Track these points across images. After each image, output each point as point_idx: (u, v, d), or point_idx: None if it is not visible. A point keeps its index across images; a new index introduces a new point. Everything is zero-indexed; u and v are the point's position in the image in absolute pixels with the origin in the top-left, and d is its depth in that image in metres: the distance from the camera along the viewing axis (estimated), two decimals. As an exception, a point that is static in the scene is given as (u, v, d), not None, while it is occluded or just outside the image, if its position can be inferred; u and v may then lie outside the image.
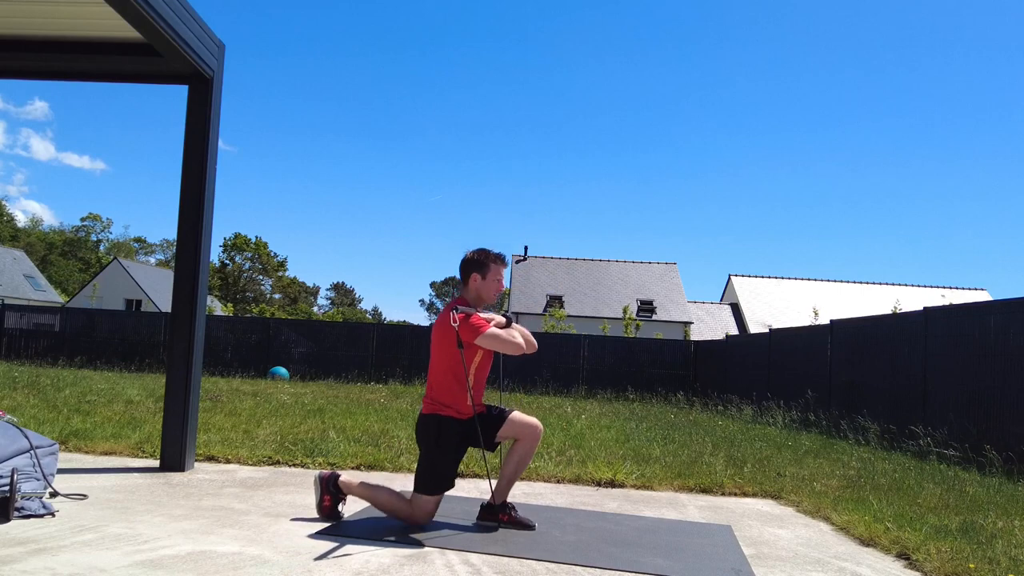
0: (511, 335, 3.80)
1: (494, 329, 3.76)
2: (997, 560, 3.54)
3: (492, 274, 3.91)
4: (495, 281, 3.93)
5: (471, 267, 3.92)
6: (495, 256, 3.94)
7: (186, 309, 5.25)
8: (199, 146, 5.28)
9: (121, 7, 4.25)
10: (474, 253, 3.94)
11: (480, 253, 3.93)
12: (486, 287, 3.91)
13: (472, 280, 3.92)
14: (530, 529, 3.84)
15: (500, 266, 3.95)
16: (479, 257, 3.92)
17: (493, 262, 3.92)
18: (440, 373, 3.81)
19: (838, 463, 6.96)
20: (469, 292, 3.94)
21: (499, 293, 4.00)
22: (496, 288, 3.94)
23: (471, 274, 3.92)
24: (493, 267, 3.92)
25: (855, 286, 41.07)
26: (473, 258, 3.93)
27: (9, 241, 60.35)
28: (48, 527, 3.40)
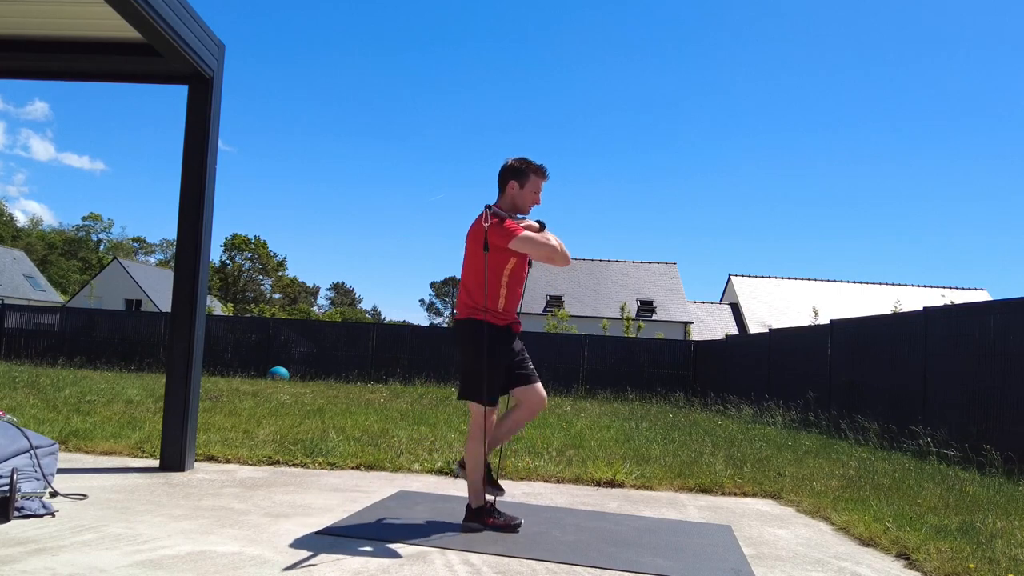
0: (546, 238, 3.75)
1: (528, 232, 3.72)
2: (997, 560, 3.54)
3: (530, 184, 3.82)
4: (532, 192, 3.83)
5: (509, 174, 3.82)
6: (536, 167, 3.84)
7: (186, 309, 5.25)
8: (199, 146, 5.28)
9: (121, 7, 4.25)
10: (515, 160, 3.84)
11: (521, 161, 3.83)
12: (522, 196, 3.82)
13: (509, 187, 3.82)
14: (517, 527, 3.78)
15: (540, 178, 3.84)
16: (519, 165, 3.82)
17: (533, 172, 3.82)
18: (474, 278, 3.75)
19: (838, 463, 6.96)
20: (504, 200, 3.85)
21: (535, 205, 3.90)
22: (533, 200, 3.86)
23: (509, 181, 3.82)
24: (533, 177, 3.82)
25: (855, 286, 41.06)
26: (513, 165, 3.83)
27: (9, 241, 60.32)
28: (48, 527, 3.40)
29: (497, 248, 3.68)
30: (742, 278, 42.16)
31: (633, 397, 16.88)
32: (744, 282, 41.73)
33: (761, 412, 12.42)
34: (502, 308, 3.78)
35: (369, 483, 4.97)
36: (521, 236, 3.68)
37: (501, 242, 3.67)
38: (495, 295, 3.75)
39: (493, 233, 3.67)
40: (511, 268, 3.77)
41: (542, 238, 3.74)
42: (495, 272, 3.72)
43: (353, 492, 4.63)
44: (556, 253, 3.74)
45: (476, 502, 3.83)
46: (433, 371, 18.85)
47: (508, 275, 3.76)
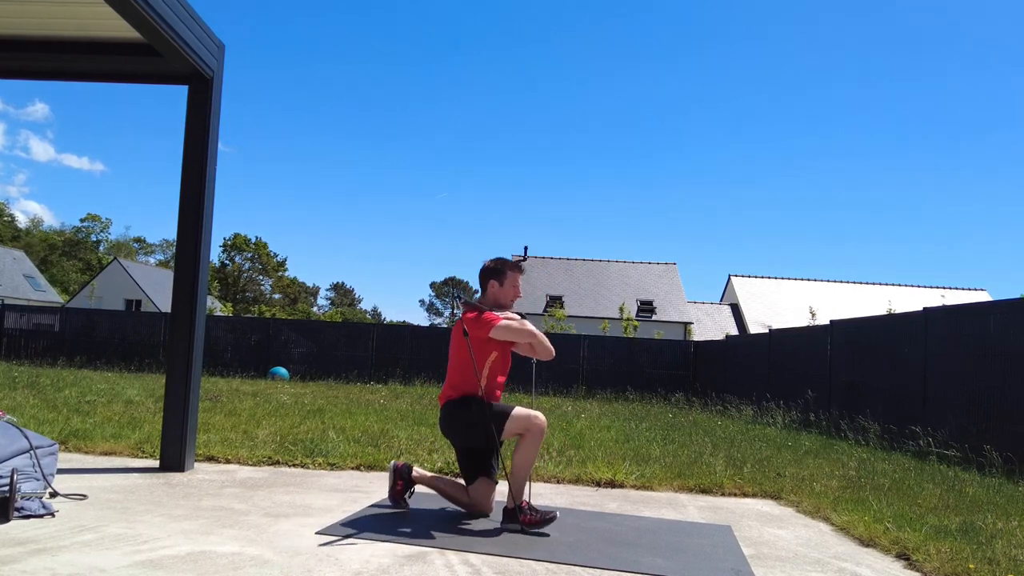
0: (523, 324, 3.97)
1: (506, 320, 3.92)
2: (997, 560, 3.54)
3: (508, 280, 4.13)
4: (512, 287, 4.14)
5: (489, 275, 4.14)
6: (512, 264, 4.17)
7: (186, 309, 5.25)
8: (199, 146, 5.28)
9: (121, 7, 4.25)
10: (492, 262, 4.18)
11: (497, 261, 4.17)
12: (503, 293, 4.12)
13: (490, 287, 4.13)
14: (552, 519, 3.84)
15: (516, 273, 4.17)
16: (496, 265, 4.16)
17: (510, 269, 4.15)
18: (458, 372, 3.98)
19: (838, 463, 6.96)
20: (488, 299, 4.14)
21: (516, 299, 4.19)
22: (513, 294, 4.15)
23: (489, 281, 4.13)
24: (510, 274, 4.14)
25: (855, 286, 41.06)
26: (491, 266, 4.16)
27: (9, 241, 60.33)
28: (48, 527, 3.40)
29: (479, 339, 3.90)
30: (742, 278, 42.16)
31: (633, 397, 16.88)
32: (744, 282, 41.73)
33: (761, 412, 12.43)
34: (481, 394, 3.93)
35: (369, 483, 4.97)
36: (499, 324, 3.92)
37: (482, 333, 3.91)
38: (475, 385, 3.92)
39: (473, 324, 3.92)
40: (493, 360, 3.98)
41: (518, 324, 3.96)
42: (479, 364, 3.93)
43: (353, 492, 4.63)
44: (535, 340, 3.96)
45: (512, 503, 3.89)
46: (433, 371, 18.84)
47: (489, 366, 3.97)
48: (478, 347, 3.91)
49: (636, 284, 39.89)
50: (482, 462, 4.04)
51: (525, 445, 3.89)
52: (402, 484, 4.24)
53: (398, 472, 4.25)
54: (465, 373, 3.94)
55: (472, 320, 3.93)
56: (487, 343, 3.92)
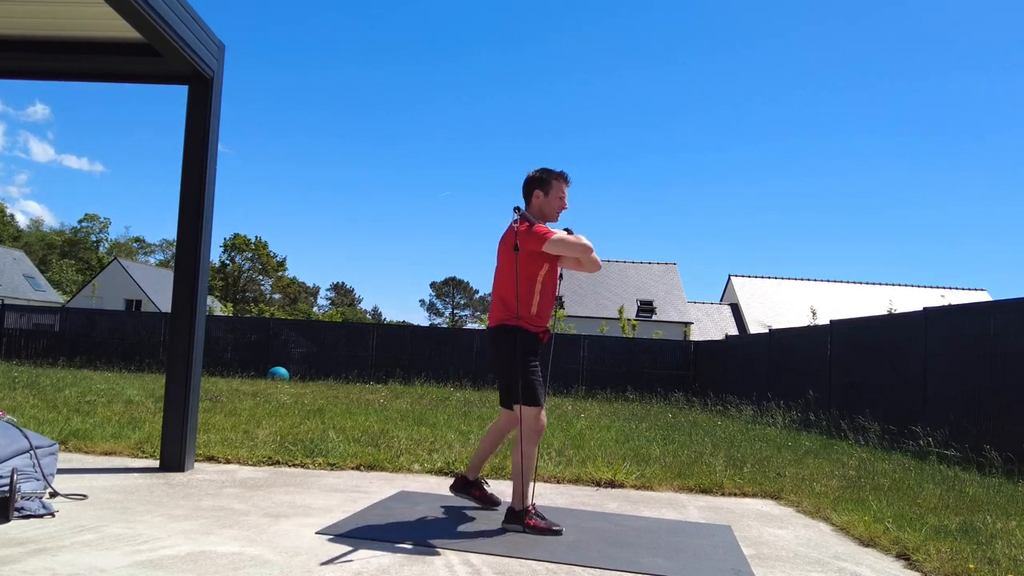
0: (579, 238, 3.82)
1: (561, 234, 3.78)
2: (997, 560, 3.54)
3: (554, 191, 3.95)
4: (557, 198, 3.96)
5: (533, 185, 3.96)
6: (557, 173, 3.97)
7: (186, 309, 5.25)
8: (199, 146, 5.28)
9: (121, 7, 4.25)
10: (536, 171, 3.99)
11: (542, 171, 3.96)
12: (548, 204, 3.95)
13: (535, 198, 3.95)
14: (558, 532, 3.76)
15: (562, 183, 3.98)
16: (541, 175, 3.95)
17: (555, 179, 3.95)
18: (506, 286, 3.82)
19: (838, 463, 6.96)
20: (532, 210, 3.96)
21: (562, 211, 4.00)
22: (559, 205, 3.97)
23: (533, 191, 3.95)
24: (555, 183, 3.95)
25: (855, 286, 41.05)
26: (536, 176, 3.96)
27: (9, 241, 60.31)
28: (48, 527, 3.40)
29: (530, 252, 3.75)
30: (742, 278, 42.15)
31: (633, 397, 16.87)
32: (744, 282, 41.72)
33: (761, 412, 12.42)
34: (535, 314, 3.83)
35: (369, 483, 4.97)
36: (554, 237, 3.76)
37: (535, 245, 3.75)
38: (529, 301, 3.81)
39: (526, 238, 3.76)
40: (544, 274, 3.84)
41: (574, 239, 3.81)
42: (529, 278, 3.80)
43: (353, 492, 4.62)
44: (587, 253, 3.81)
45: (519, 504, 3.84)
46: (433, 372, 18.85)
47: (541, 281, 3.84)
48: (529, 261, 3.76)
49: (636, 284, 39.88)
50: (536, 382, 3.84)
51: (525, 445, 3.82)
52: (477, 491, 4.19)
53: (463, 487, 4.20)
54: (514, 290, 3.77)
55: (524, 232, 3.76)
56: (539, 256, 3.77)
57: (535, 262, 3.79)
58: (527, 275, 3.79)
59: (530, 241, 3.76)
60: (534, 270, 3.80)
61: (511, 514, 3.85)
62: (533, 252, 3.76)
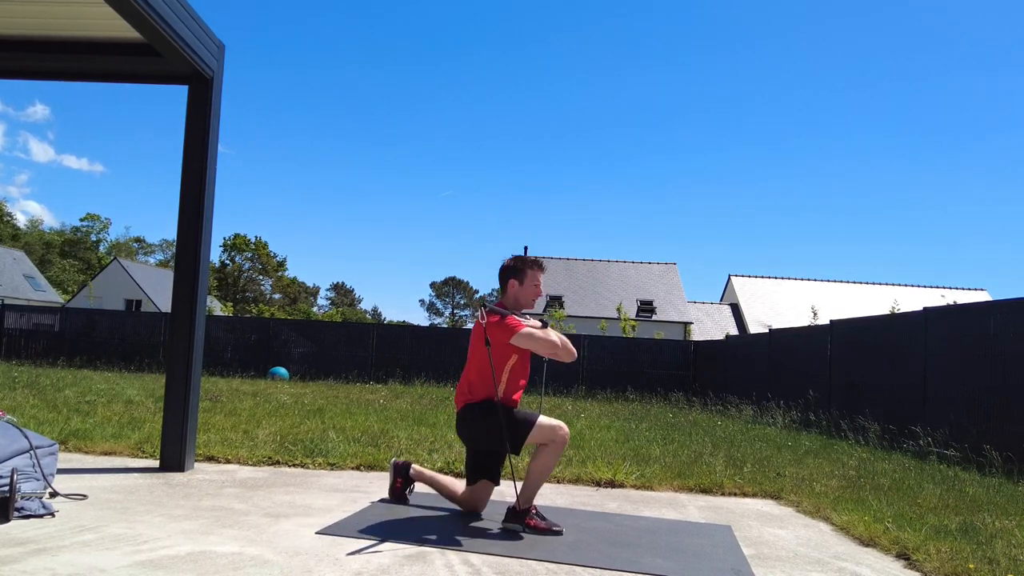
0: (546, 334, 3.89)
1: (530, 328, 3.86)
2: (997, 560, 3.54)
3: (529, 279, 4.05)
4: (532, 286, 4.06)
5: (509, 273, 4.06)
6: (532, 262, 4.09)
7: (186, 309, 5.24)
8: (199, 146, 5.28)
9: (121, 7, 4.25)
10: (511, 260, 4.10)
11: (517, 260, 4.10)
12: (524, 292, 4.05)
13: (510, 286, 4.05)
14: (558, 532, 3.79)
15: (537, 271, 4.08)
16: (516, 264, 4.08)
17: (530, 268, 4.07)
18: (476, 375, 3.93)
19: (838, 463, 6.96)
20: (508, 298, 4.07)
21: (537, 298, 4.11)
22: (534, 293, 4.07)
23: (509, 280, 4.06)
24: (530, 272, 4.05)
25: (855, 286, 41.06)
26: (510, 265, 4.09)
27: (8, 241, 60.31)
28: (48, 527, 3.40)
29: (499, 344, 3.83)
30: (742, 278, 42.15)
31: (633, 397, 16.87)
32: (744, 282, 41.72)
33: (761, 412, 12.42)
34: (499, 396, 3.89)
35: (369, 483, 4.97)
36: (522, 332, 3.84)
37: (503, 338, 3.84)
38: (491, 388, 3.89)
39: (495, 330, 3.84)
40: (513, 364, 3.92)
41: (541, 334, 3.88)
42: (498, 368, 3.87)
43: (353, 492, 4.62)
44: (559, 349, 3.90)
45: (521, 505, 3.86)
46: (433, 371, 18.84)
47: (510, 370, 3.92)
48: (499, 351, 3.84)
49: (636, 284, 39.88)
50: (491, 465, 4.05)
51: (546, 454, 3.86)
52: (401, 481, 4.29)
53: (397, 470, 4.31)
54: (484, 377, 3.87)
55: (494, 325, 3.86)
56: (507, 347, 3.86)
57: (505, 352, 3.87)
58: (497, 364, 3.86)
59: (500, 333, 3.84)
60: (503, 361, 3.88)
61: (511, 514, 3.86)
62: (503, 343, 3.84)
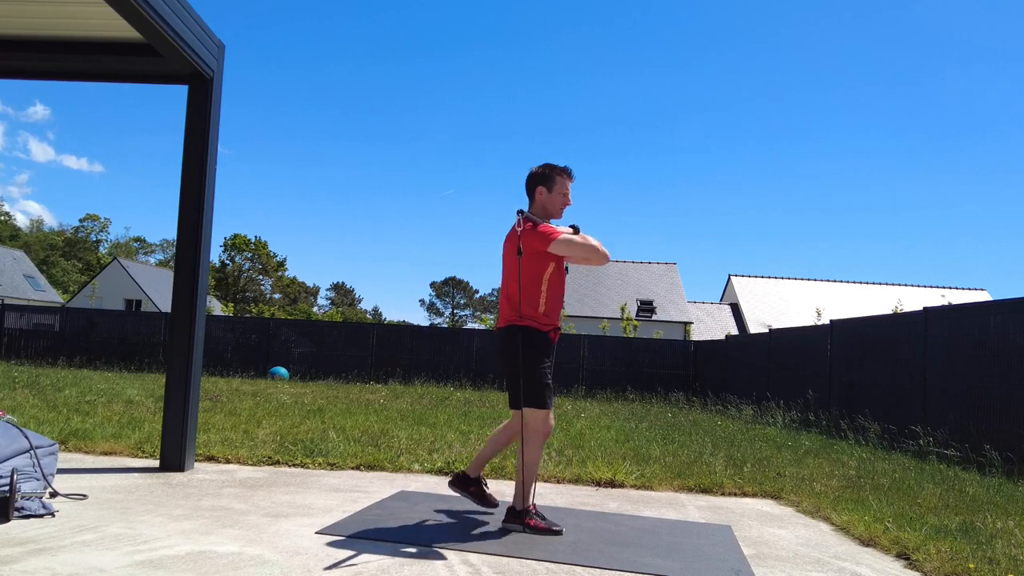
0: (585, 239, 3.78)
1: (566, 235, 3.74)
2: (997, 560, 3.54)
3: (558, 187, 3.89)
4: (560, 194, 3.90)
5: (536, 181, 3.89)
6: (560, 168, 3.92)
7: (186, 309, 5.24)
8: (199, 146, 5.28)
9: (121, 7, 4.25)
10: (539, 167, 3.91)
11: (545, 166, 3.91)
12: (552, 200, 3.88)
13: (538, 194, 3.89)
14: (558, 532, 3.76)
15: (566, 179, 3.92)
16: (544, 170, 3.90)
17: (559, 174, 3.89)
18: (513, 287, 3.78)
19: (838, 463, 6.96)
20: (535, 207, 3.91)
21: (566, 207, 3.95)
22: (562, 202, 3.91)
23: (536, 188, 3.90)
24: (559, 179, 3.89)
25: (855, 286, 41.04)
26: (538, 172, 3.90)
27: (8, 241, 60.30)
28: (48, 527, 3.40)
29: (536, 252, 3.71)
30: (742, 278, 42.14)
31: (633, 397, 16.87)
32: (744, 282, 41.72)
33: (761, 412, 12.43)
34: (543, 312, 3.79)
35: (369, 483, 4.97)
36: (560, 238, 3.72)
37: (540, 246, 3.71)
38: (536, 301, 3.77)
39: (530, 238, 3.72)
40: (550, 273, 3.79)
41: (581, 239, 3.78)
42: (535, 278, 3.76)
43: (353, 492, 4.62)
44: (595, 253, 3.78)
45: (520, 504, 3.83)
46: (433, 371, 18.85)
47: (547, 281, 3.79)
48: (534, 260, 3.71)
49: (636, 284, 39.87)
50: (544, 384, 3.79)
51: (530, 447, 3.79)
52: (475, 489, 4.11)
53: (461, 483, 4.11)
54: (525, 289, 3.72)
55: (528, 232, 3.71)
56: (544, 256, 3.72)
57: (541, 262, 3.75)
58: (533, 274, 3.75)
59: (535, 241, 3.72)
60: (540, 270, 3.76)
61: (511, 514, 3.85)
62: (539, 252, 3.72)
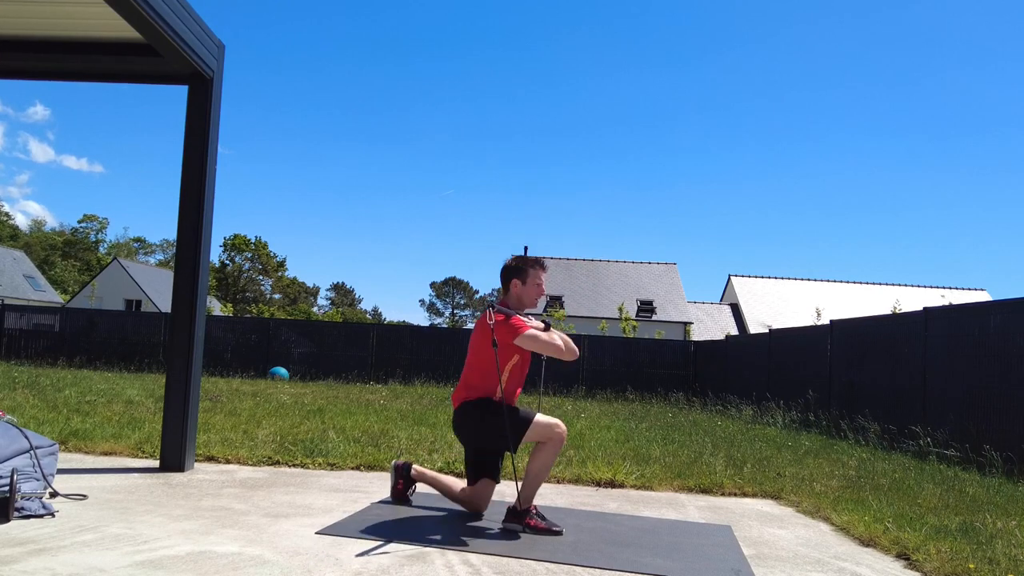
0: (551, 337, 3.91)
1: (534, 331, 3.86)
2: (997, 560, 3.54)
3: (531, 279, 4.04)
4: (535, 285, 4.06)
5: (511, 273, 4.06)
6: (533, 261, 4.09)
7: (186, 309, 5.24)
8: (199, 146, 5.28)
9: (121, 7, 4.25)
10: (513, 260, 4.10)
11: (519, 259, 4.10)
12: (527, 292, 4.04)
13: (513, 286, 4.04)
14: (558, 533, 3.78)
15: (539, 271, 4.08)
16: (518, 264, 4.08)
17: (531, 267, 4.07)
18: (477, 374, 3.92)
19: (838, 463, 6.96)
20: (511, 298, 4.05)
21: (540, 297, 4.10)
22: (537, 292, 4.06)
23: (511, 280, 4.05)
24: (532, 272, 4.05)
25: (855, 286, 41.06)
26: (512, 264, 4.08)
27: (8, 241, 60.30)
28: (48, 527, 3.40)
29: (503, 344, 3.84)
30: (742, 278, 42.15)
31: (633, 397, 16.87)
32: (744, 282, 41.73)
33: (761, 412, 12.43)
34: (498, 398, 3.90)
35: (369, 483, 4.97)
36: (526, 334, 3.85)
37: (507, 338, 3.84)
38: (492, 388, 3.89)
39: (500, 329, 3.83)
40: (513, 363, 3.93)
41: (547, 336, 3.90)
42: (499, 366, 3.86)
43: (353, 492, 4.63)
44: (560, 352, 3.92)
45: (521, 505, 3.85)
46: (433, 371, 18.85)
47: (509, 371, 3.92)
48: (502, 351, 3.84)
49: (636, 284, 39.88)
50: (490, 464, 4.05)
51: (544, 453, 3.83)
52: (403, 482, 4.29)
53: (399, 471, 4.31)
54: (486, 375, 3.87)
55: (499, 324, 3.85)
56: (511, 347, 3.86)
57: (507, 352, 3.88)
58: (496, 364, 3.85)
59: (504, 333, 3.84)
60: (504, 360, 3.88)
61: (511, 514, 3.85)
62: (506, 344, 3.85)
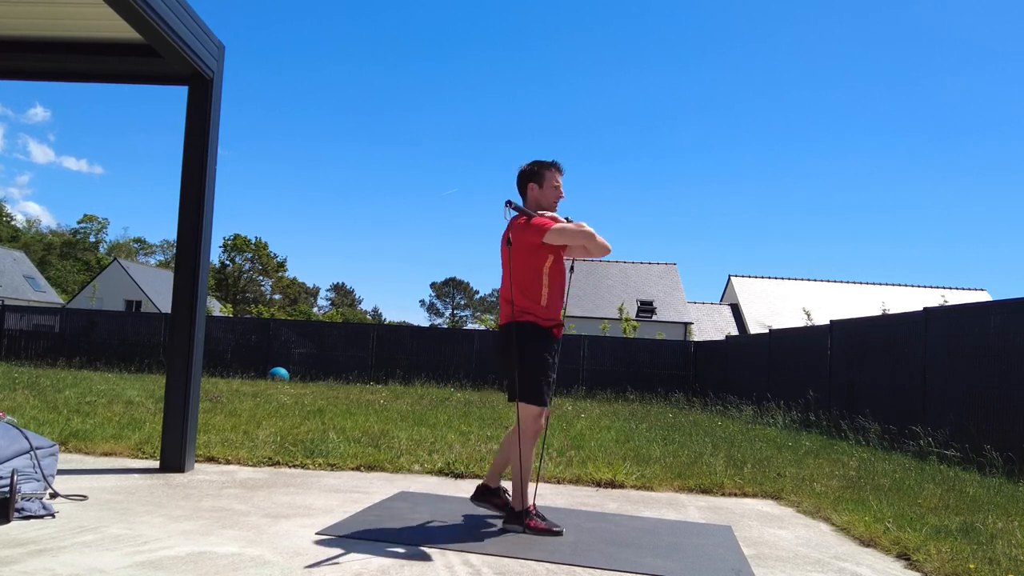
0: (580, 226, 3.77)
1: (561, 224, 3.74)
2: (997, 560, 3.54)
3: (548, 181, 3.93)
4: (552, 188, 3.94)
5: (527, 178, 3.95)
6: (548, 163, 3.96)
7: (186, 310, 5.24)
8: (199, 147, 5.28)
9: (121, 8, 4.25)
10: (528, 165, 3.98)
11: (534, 163, 3.96)
12: (544, 195, 3.92)
13: (530, 191, 3.94)
14: (558, 533, 3.74)
15: (556, 172, 3.96)
16: (532, 167, 3.95)
17: (547, 169, 3.94)
18: (513, 281, 3.76)
19: (838, 463, 6.96)
20: (529, 204, 3.94)
21: (559, 199, 3.97)
22: (555, 195, 3.95)
23: (528, 185, 3.94)
24: (548, 174, 3.93)
25: (855, 286, 41.04)
26: (527, 169, 3.95)
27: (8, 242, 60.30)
28: (48, 528, 3.40)
29: (532, 246, 3.71)
30: (742, 278, 42.14)
31: (633, 398, 16.87)
32: (744, 282, 41.72)
33: (761, 412, 12.42)
34: (545, 306, 3.77)
35: (369, 484, 4.97)
36: (553, 228, 3.71)
37: (535, 239, 3.71)
38: (536, 295, 3.76)
39: (525, 233, 3.71)
40: (549, 266, 3.79)
41: (574, 226, 3.76)
42: (535, 271, 3.75)
43: (353, 493, 4.63)
44: (591, 240, 3.76)
45: (519, 505, 3.81)
46: (433, 372, 18.85)
47: (548, 274, 3.78)
48: (530, 254, 3.70)
49: (636, 284, 39.87)
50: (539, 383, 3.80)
51: (521, 447, 3.77)
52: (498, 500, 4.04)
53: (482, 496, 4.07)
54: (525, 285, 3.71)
55: (520, 228, 3.71)
56: (540, 249, 3.72)
57: (538, 255, 3.74)
58: (533, 268, 3.74)
59: (529, 235, 3.71)
60: (538, 263, 3.75)
61: (511, 514, 3.84)
62: (535, 245, 3.72)
